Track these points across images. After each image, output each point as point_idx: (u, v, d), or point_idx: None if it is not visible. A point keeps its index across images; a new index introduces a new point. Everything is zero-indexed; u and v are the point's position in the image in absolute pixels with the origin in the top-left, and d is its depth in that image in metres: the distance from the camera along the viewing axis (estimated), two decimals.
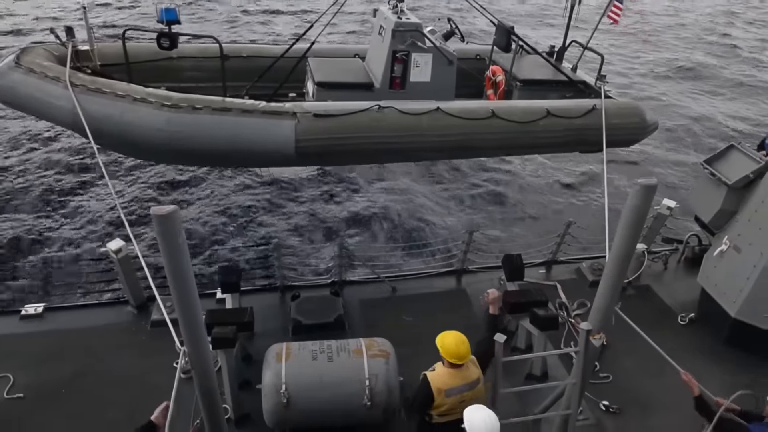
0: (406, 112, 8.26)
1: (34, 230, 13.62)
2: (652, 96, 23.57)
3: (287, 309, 8.36)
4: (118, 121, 7.60)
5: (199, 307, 4.62)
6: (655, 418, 7.06)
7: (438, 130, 8.40)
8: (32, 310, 8.27)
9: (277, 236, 13.24)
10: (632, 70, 27.15)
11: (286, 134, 7.79)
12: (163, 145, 7.73)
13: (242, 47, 10.49)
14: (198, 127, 7.61)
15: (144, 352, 7.66)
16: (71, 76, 7.81)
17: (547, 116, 8.81)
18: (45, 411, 6.84)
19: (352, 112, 8.07)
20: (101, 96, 7.67)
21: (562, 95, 9.97)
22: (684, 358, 5.84)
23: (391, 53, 8.69)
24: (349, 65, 9.74)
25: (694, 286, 8.75)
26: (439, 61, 8.84)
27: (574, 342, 7.88)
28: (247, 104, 7.84)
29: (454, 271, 9.53)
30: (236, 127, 7.70)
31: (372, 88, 9.03)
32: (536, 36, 27.46)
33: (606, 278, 5.28)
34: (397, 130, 8.25)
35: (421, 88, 8.92)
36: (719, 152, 8.81)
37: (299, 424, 6.37)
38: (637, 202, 4.73)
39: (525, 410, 6.64)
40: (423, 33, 8.68)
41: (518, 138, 8.83)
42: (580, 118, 8.98)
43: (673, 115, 22.09)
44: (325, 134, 7.94)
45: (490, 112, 8.59)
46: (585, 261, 9.81)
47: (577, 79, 10.15)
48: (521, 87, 9.96)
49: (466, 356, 5.04)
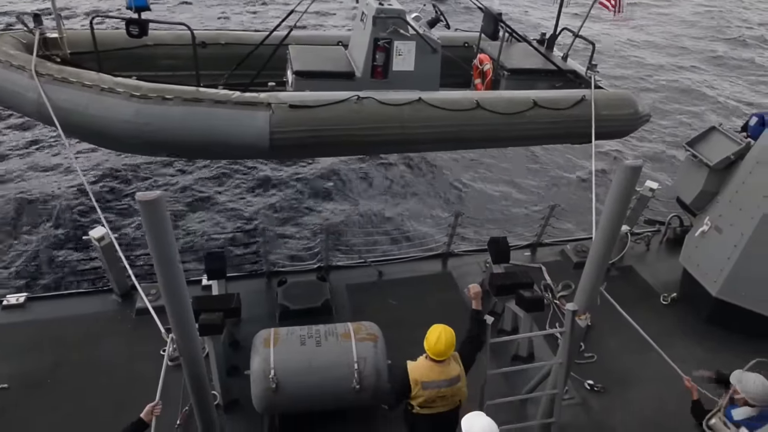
0: (387, 102, 7.95)
1: (14, 218, 13.39)
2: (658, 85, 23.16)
3: (274, 294, 8.34)
4: (84, 112, 7.28)
5: (186, 294, 4.59)
6: (639, 397, 7.20)
7: (420, 121, 8.08)
8: (14, 300, 8.16)
9: (263, 221, 13.17)
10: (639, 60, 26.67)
11: (260, 126, 7.44)
12: (132, 137, 7.39)
13: (220, 34, 10.06)
14: (167, 118, 7.28)
15: (129, 340, 7.61)
16: (38, 65, 7.42)
17: (533, 107, 8.47)
18: (30, 401, 6.77)
19: (330, 103, 7.73)
20: (67, 86, 7.32)
21: (552, 85, 9.66)
22: (666, 337, 5.95)
23: (372, 41, 8.32)
24: (330, 53, 9.35)
25: (676, 267, 8.89)
26: (423, 50, 8.48)
27: (560, 323, 7.98)
28: (220, 95, 7.50)
29: (440, 255, 9.57)
30: (208, 119, 7.38)
31: (353, 78, 8.66)
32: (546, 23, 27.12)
33: (591, 259, 5.33)
34: (377, 122, 7.91)
35: (405, 77, 8.58)
36: (701, 134, 8.91)
37: (288, 408, 6.39)
38: (623, 183, 4.78)
39: (512, 391, 6.74)
40: (406, 20, 8.29)
41: (504, 130, 8.52)
42: (569, 109, 8.63)
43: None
44: (301, 126, 7.60)
45: (474, 103, 8.26)
46: (569, 243, 9.91)
47: (567, 69, 9.80)
48: (509, 76, 9.59)
49: (446, 353, 5.04)
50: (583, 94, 8.80)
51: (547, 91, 9.02)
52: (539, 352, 7.74)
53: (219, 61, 9.13)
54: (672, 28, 32.16)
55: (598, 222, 5.15)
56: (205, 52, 9.05)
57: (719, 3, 36.25)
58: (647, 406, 7.06)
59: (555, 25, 10.40)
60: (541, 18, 29.82)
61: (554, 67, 9.62)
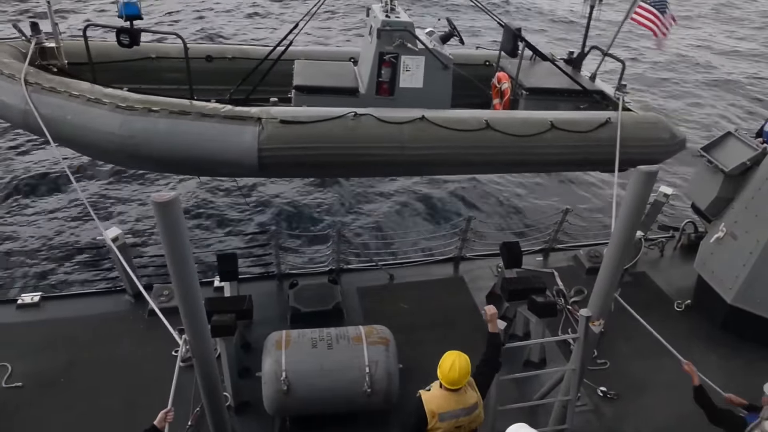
0: (386, 120, 7.34)
1: (30, 219, 13.54)
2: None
3: (285, 297, 8.36)
4: (69, 122, 7.09)
5: (200, 295, 4.62)
6: (653, 404, 7.12)
7: (422, 142, 7.43)
8: (29, 299, 8.24)
9: (275, 224, 13.21)
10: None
11: (248, 142, 6.97)
12: (116, 150, 7.14)
13: (227, 48, 9.74)
14: (152, 131, 6.96)
15: (142, 340, 7.65)
16: (29, 74, 7.33)
17: (551, 129, 7.71)
18: (43, 399, 6.83)
19: (324, 119, 7.17)
20: (55, 95, 7.14)
21: (576, 106, 8.83)
22: (680, 344, 5.87)
23: (377, 55, 7.79)
24: (337, 69, 8.85)
25: (691, 273, 8.80)
26: (433, 66, 7.90)
27: (572, 328, 7.95)
28: (209, 108, 7.13)
29: (452, 259, 9.54)
30: (193, 133, 6.97)
31: (356, 94, 8.12)
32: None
33: (606, 264, 5.30)
34: (374, 141, 7.31)
35: (412, 94, 7.97)
36: (716, 139, 8.83)
37: (299, 411, 6.40)
38: (638, 189, 4.75)
39: (524, 396, 6.70)
40: (413, 33, 7.76)
41: (516, 154, 7.82)
42: (591, 132, 7.87)
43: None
44: (291, 143, 7.09)
45: (483, 124, 7.56)
46: (582, 248, 9.84)
47: (592, 89, 9.00)
48: (527, 96, 8.85)
49: (461, 381, 4.75)
50: (608, 116, 8.06)
51: (566, 112, 8.28)
52: (551, 358, 7.69)
53: (226, 76, 8.90)
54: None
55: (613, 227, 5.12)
56: (213, 66, 8.94)
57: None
58: (661, 413, 6.98)
59: (583, 42, 9.72)
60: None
61: (578, 87, 8.79)
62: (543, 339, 7.33)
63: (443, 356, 4.82)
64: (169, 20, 27.05)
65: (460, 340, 7.82)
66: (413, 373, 6.99)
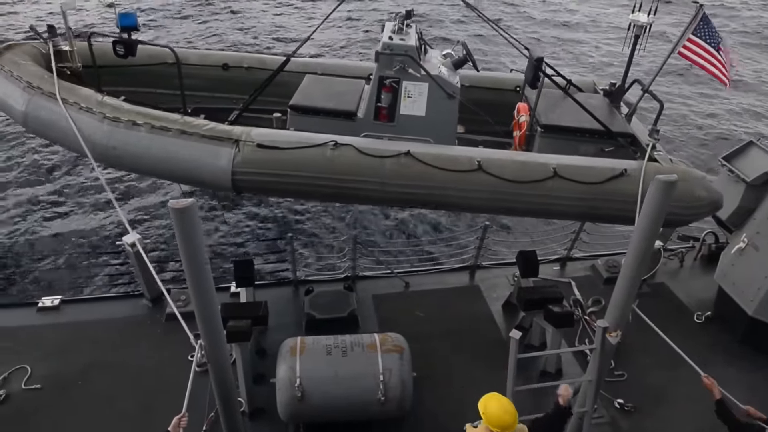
0: (367, 153, 6.84)
1: (50, 224, 13.78)
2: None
3: (301, 303, 8.38)
4: (62, 128, 7.15)
5: (216, 300, 4.66)
6: (670, 417, 7.00)
7: (403, 179, 6.84)
8: (49, 302, 8.37)
9: (291, 231, 13.28)
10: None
11: (222, 164, 6.79)
12: (101, 159, 7.17)
13: (245, 57, 9.45)
14: (133, 144, 6.96)
15: (158, 344, 7.72)
16: (35, 77, 7.47)
17: (552, 177, 6.83)
18: (61, 402, 6.92)
19: (302, 146, 6.82)
20: (50, 100, 7.22)
21: (599, 149, 7.82)
22: (699, 356, 5.77)
23: (377, 79, 7.29)
24: (344, 88, 8.26)
25: (711, 284, 8.66)
26: (437, 94, 7.32)
27: (589, 339, 7.87)
28: (192, 124, 6.98)
29: (468, 267, 9.50)
30: (171, 150, 6.90)
31: (353, 118, 7.60)
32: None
33: (624, 274, 5.23)
34: (353, 174, 6.83)
35: (414, 123, 7.41)
36: (738, 149, 8.70)
37: (313, 418, 6.39)
38: (657, 198, 4.69)
39: (539, 407, 6.61)
40: (414, 59, 7.17)
41: (509, 201, 7.03)
42: (601, 185, 6.85)
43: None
44: (265, 168, 6.81)
45: (475, 165, 6.86)
46: (600, 258, 9.74)
47: (620, 130, 7.78)
48: (542, 134, 7.86)
49: (512, 426, 4.49)
50: (626, 167, 6.97)
51: (575, 158, 7.30)
52: (567, 369, 7.61)
53: (242, 85, 8.76)
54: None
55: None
56: (229, 76, 8.89)
57: None
58: (680, 426, 6.86)
59: (624, 74, 8.58)
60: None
61: (601, 128, 7.59)
62: (559, 350, 7.25)
63: (484, 399, 4.62)
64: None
65: (475, 349, 7.86)
66: (427, 381, 6.98)
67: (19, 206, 14.27)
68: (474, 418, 4.96)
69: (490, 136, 8.48)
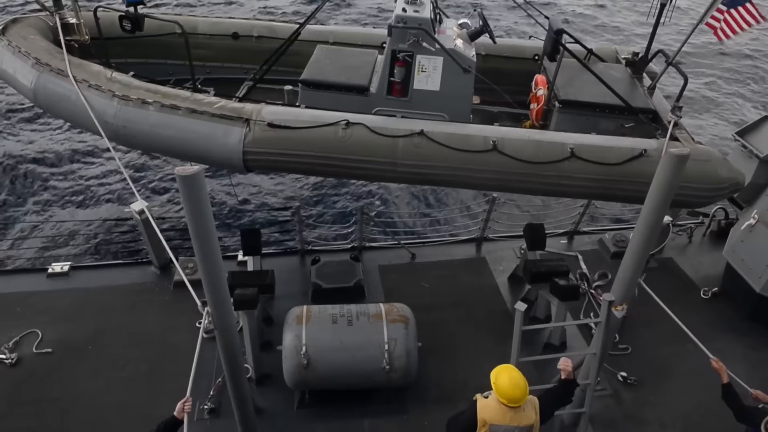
0: (380, 132, 6.71)
1: (61, 191, 13.84)
2: None
3: (307, 273, 8.42)
4: (71, 105, 7.12)
5: (222, 268, 4.67)
6: (673, 391, 7.04)
7: (416, 159, 6.76)
8: (59, 268, 8.47)
9: (299, 200, 13.28)
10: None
11: (233, 143, 6.75)
12: (111, 137, 7.12)
13: (254, 25, 9.18)
14: (143, 123, 6.91)
15: (167, 311, 7.82)
16: (44, 52, 7.40)
17: (570, 158, 6.69)
18: (72, 365, 7.04)
19: (313, 126, 6.71)
20: (60, 77, 7.16)
21: (619, 125, 7.59)
22: (704, 332, 5.77)
23: (390, 53, 7.11)
24: (356, 59, 8.01)
25: (719, 261, 8.61)
26: (452, 68, 7.10)
27: (594, 313, 7.88)
28: (203, 102, 6.89)
29: (475, 239, 9.49)
30: (181, 129, 6.85)
31: (366, 93, 7.42)
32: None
33: (631, 249, 5.21)
34: (365, 154, 6.75)
35: (428, 97, 7.26)
36: (752, 124, 8.55)
37: (318, 385, 6.49)
38: (668, 173, 4.62)
39: (543, 379, 6.67)
40: (429, 32, 6.93)
41: (525, 181, 6.92)
42: (620, 166, 6.69)
43: None
44: (277, 148, 6.76)
45: (490, 144, 6.71)
46: (608, 232, 9.69)
47: (641, 106, 7.49)
48: (560, 109, 7.55)
49: (521, 400, 4.52)
50: (645, 147, 6.77)
51: (594, 137, 7.08)
52: (572, 342, 7.65)
53: (253, 55, 8.55)
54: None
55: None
56: (237, 44, 8.72)
57: None
58: (682, 400, 6.91)
59: (648, 44, 8.22)
60: None
61: (621, 103, 7.36)
62: (564, 322, 7.27)
63: (496, 370, 4.65)
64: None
65: (480, 320, 7.90)
66: (432, 351, 7.04)
67: (31, 173, 14.33)
68: (478, 389, 5.04)
69: (505, 107, 8.32)
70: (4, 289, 8.14)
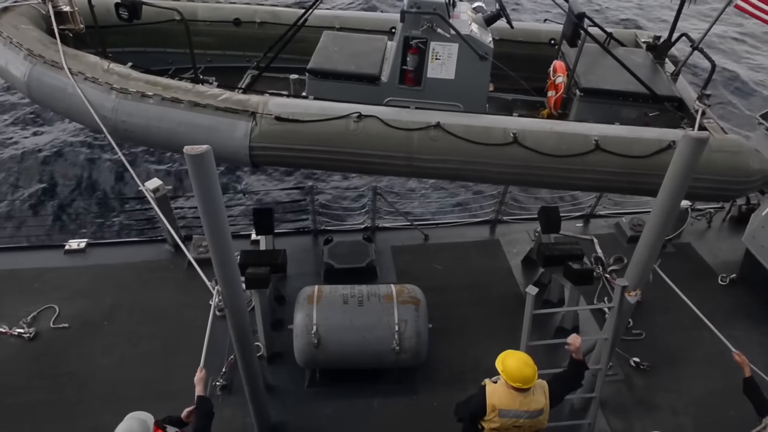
0: (394, 125, 6.37)
1: (78, 169, 13.98)
2: None
3: (320, 253, 8.44)
4: (66, 98, 6.80)
5: (231, 247, 4.68)
6: (686, 378, 6.97)
7: (432, 153, 6.44)
8: (75, 245, 8.58)
9: (312, 181, 13.28)
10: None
11: (239, 138, 6.43)
12: (111, 131, 6.72)
13: (256, 10, 8.72)
14: (143, 117, 6.58)
15: (181, 288, 7.90)
16: (37, 43, 7.05)
17: (594, 151, 6.34)
18: (88, 340, 7.17)
19: (323, 119, 6.39)
20: (54, 70, 6.79)
21: (642, 113, 7.22)
22: (721, 319, 5.68)
23: (402, 40, 6.79)
24: (365, 46, 7.65)
25: (738, 247, 8.45)
26: (468, 55, 6.74)
27: (608, 298, 7.80)
28: (206, 95, 6.59)
29: (488, 221, 9.42)
30: (184, 123, 6.51)
31: (377, 82, 7.12)
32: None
33: (647, 233, 5.11)
34: (378, 148, 6.42)
35: (442, 86, 6.96)
36: None
37: (329, 364, 6.53)
38: (686, 156, 4.50)
39: (554, 363, 6.63)
40: (444, 17, 6.59)
41: (547, 176, 6.59)
42: (647, 159, 6.30)
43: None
44: (285, 143, 6.44)
45: (510, 137, 6.39)
46: (624, 216, 9.55)
47: (666, 93, 7.12)
48: (581, 98, 7.21)
49: (531, 380, 4.48)
50: (673, 138, 6.34)
51: (620, 128, 6.72)
52: (585, 326, 7.59)
53: (255, 41, 8.22)
54: None
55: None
56: (239, 31, 8.41)
57: None
58: (695, 387, 6.84)
59: (671, 28, 7.80)
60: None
61: (645, 91, 6.98)
62: (577, 307, 7.21)
63: (501, 357, 4.61)
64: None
65: (492, 303, 7.87)
66: (443, 333, 7.04)
67: (47, 151, 14.48)
68: (488, 371, 5.00)
69: (520, 94, 8.02)
70: (22, 264, 8.27)
